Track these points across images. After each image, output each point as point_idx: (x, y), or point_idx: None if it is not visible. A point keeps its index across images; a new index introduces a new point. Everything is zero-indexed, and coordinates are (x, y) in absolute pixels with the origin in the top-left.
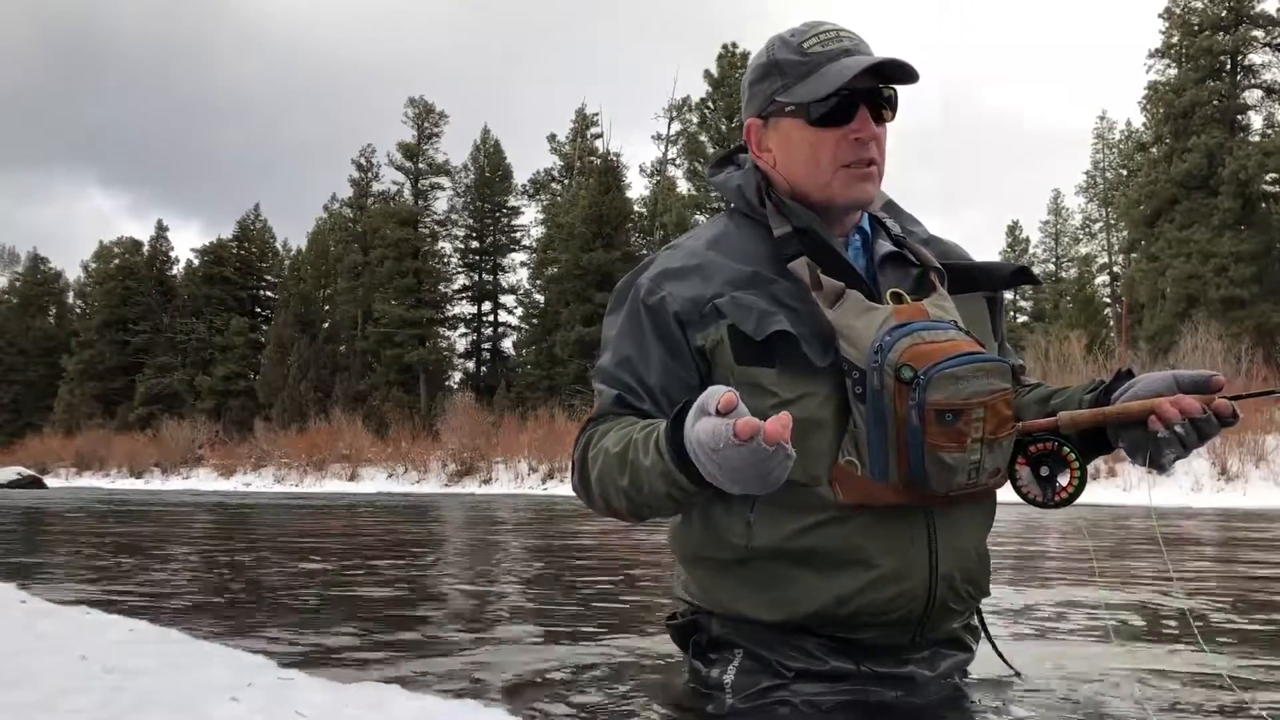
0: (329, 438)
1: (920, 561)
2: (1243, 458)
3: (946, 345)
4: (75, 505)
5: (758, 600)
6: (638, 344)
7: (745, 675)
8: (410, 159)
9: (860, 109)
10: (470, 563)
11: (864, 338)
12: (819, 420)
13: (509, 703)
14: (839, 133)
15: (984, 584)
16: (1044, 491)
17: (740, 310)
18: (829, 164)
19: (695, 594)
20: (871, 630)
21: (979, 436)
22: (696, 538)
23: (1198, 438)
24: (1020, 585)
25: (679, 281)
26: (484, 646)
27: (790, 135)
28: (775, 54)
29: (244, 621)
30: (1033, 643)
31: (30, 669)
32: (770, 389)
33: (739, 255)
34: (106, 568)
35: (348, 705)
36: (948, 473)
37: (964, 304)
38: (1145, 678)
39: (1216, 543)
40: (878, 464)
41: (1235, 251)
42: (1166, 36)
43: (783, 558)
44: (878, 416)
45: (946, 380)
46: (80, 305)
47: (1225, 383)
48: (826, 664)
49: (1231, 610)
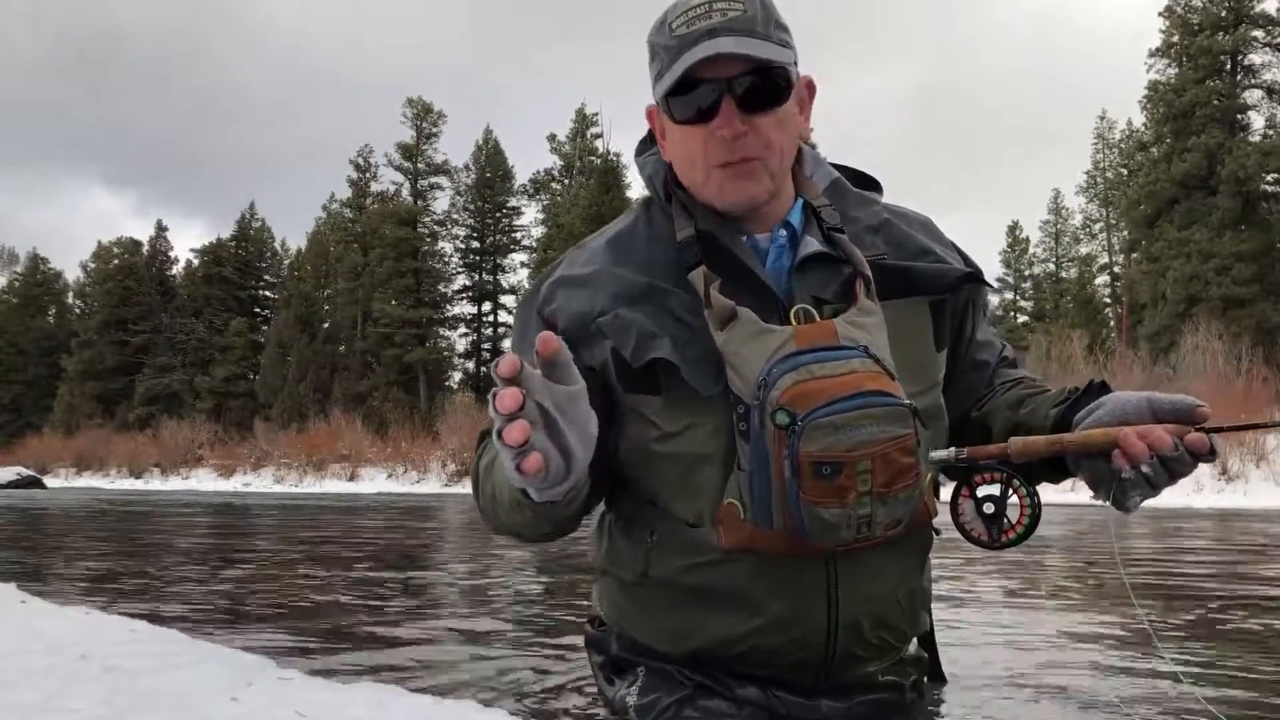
0: (329, 438)
1: (815, 609)
2: (1243, 458)
3: (838, 382)
4: (75, 505)
5: (650, 626)
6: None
7: (647, 694)
8: (409, 159)
9: (725, 102)
10: (470, 563)
11: (752, 367)
12: (705, 455)
13: (509, 703)
14: (704, 130)
15: (906, 628)
16: (989, 530)
17: (621, 332)
18: (701, 164)
19: (603, 608)
20: (767, 670)
21: (866, 490)
22: (604, 551)
23: (1168, 477)
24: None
25: (570, 293)
26: (484, 647)
27: (668, 129)
28: (652, 35)
29: (244, 621)
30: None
31: (30, 669)
32: (653, 419)
33: (638, 261)
34: (106, 568)
35: (348, 705)
36: (829, 530)
37: (898, 311)
38: (1084, 677)
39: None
40: (761, 510)
41: (1235, 251)
42: (1166, 36)
43: (674, 591)
44: (760, 459)
45: (824, 430)
46: (80, 305)
47: (1210, 415)
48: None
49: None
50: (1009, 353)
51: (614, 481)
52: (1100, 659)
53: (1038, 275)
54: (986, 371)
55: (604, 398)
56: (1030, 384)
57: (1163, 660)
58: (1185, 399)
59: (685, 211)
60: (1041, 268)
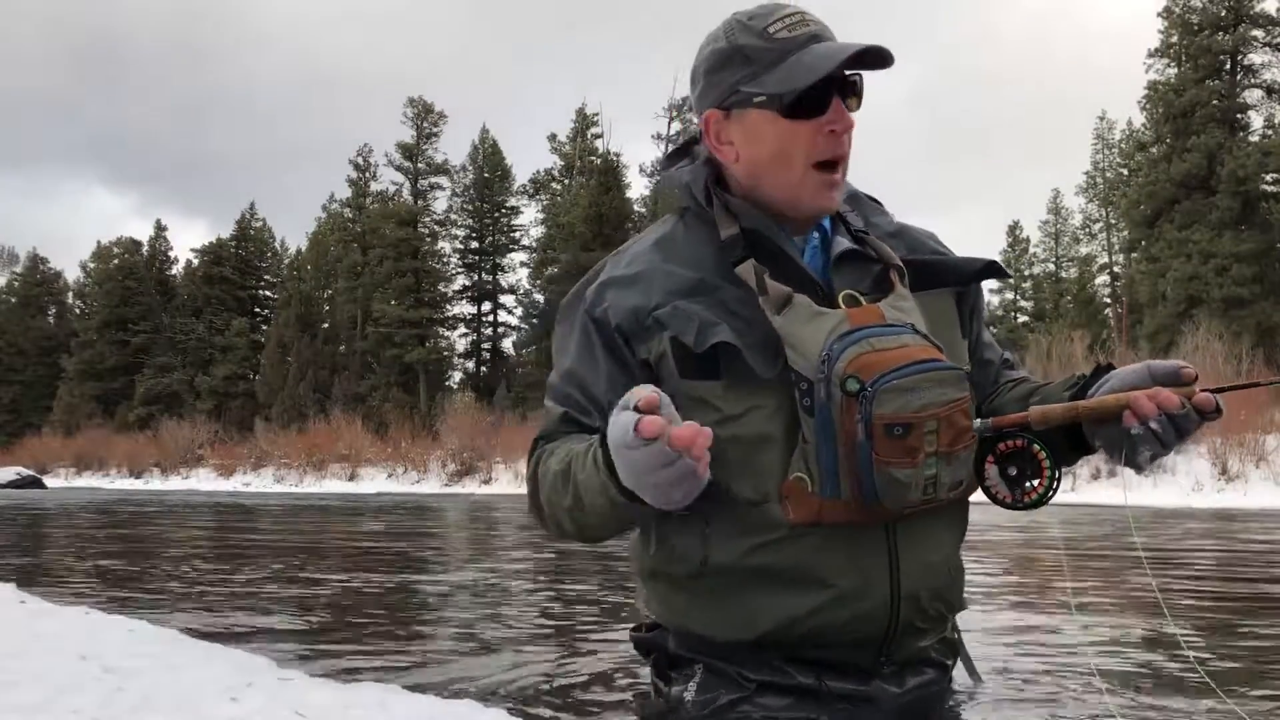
0: (329, 438)
1: (880, 581)
2: (1243, 458)
3: (898, 353)
4: (75, 505)
5: (712, 618)
6: (584, 357)
7: (706, 691)
8: (409, 159)
9: (834, 99)
10: (471, 563)
11: (812, 346)
12: (767, 435)
13: (509, 703)
14: (813, 125)
15: (955, 600)
16: (1012, 492)
17: (681, 321)
18: (801, 159)
19: (654, 610)
20: (830, 650)
21: (933, 450)
22: (652, 553)
23: (1176, 434)
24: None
25: (621, 291)
26: (485, 647)
27: (758, 128)
28: (737, 39)
29: (244, 621)
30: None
31: (30, 669)
32: (715, 404)
33: (685, 259)
34: (106, 568)
35: (348, 705)
36: (901, 490)
37: (928, 301)
38: (1114, 678)
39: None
40: (828, 480)
41: (1235, 251)
42: (1166, 36)
43: (736, 575)
44: (826, 431)
45: (895, 393)
46: (80, 305)
47: (1195, 373)
48: (791, 678)
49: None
50: (1009, 356)
51: None
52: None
53: (1038, 275)
54: (991, 370)
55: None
56: (1034, 381)
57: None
58: (1172, 362)
59: (727, 212)
60: (1041, 268)
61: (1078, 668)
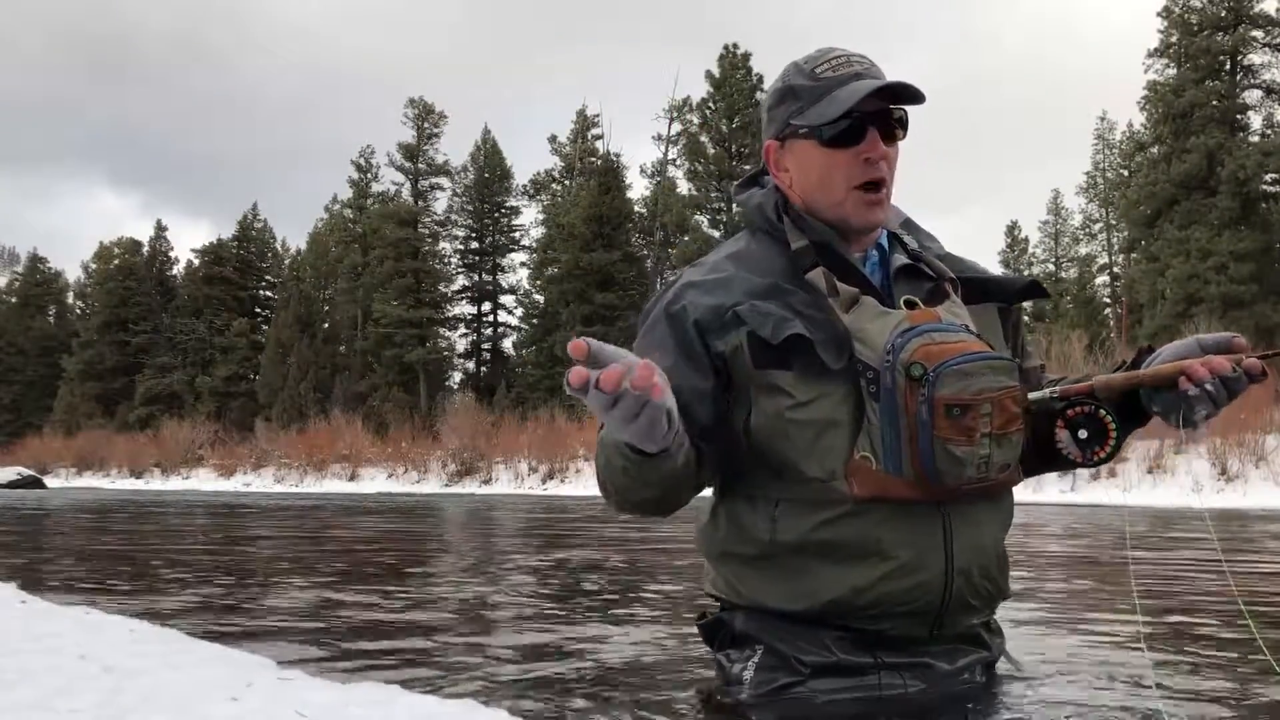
0: (329, 438)
1: (936, 555)
2: (1243, 458)
3: (956, 345)
4: (75, 505)
5: (779, 590)
6: (652, 345)
7: (764, 671)
8: (410, 159)
9: (870, 130)
10: (471, 563)
11: (878, 339)
12: (835, 419)
13: (510, 703)
14: (850, 153)
15: (1003, 584)
16: (1082, 451)
17: (758, 316)
18: (842, 183)
19: (721, 588)
20: (888, 621)
21: (987, 431)
22: (722, 535)
23: (1227, 395)
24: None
25: (701, 292)
26: (485, 647)
27: (805, 156)
28: (790, 80)
29: (244, 621)
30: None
31: (30, 669)
32: (788, 390)
33: (759, 269)
34: (106, 568)
35: (348, 705)
36: (957, 466)
37: (977, 313)
38: (1169, 678)
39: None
40: (891, 458)
41: (1235, 251)
42: (1165, 36)
43: (803, 551)
44: (891, 413)
45: (955, 376)
46: (80, 305)
47: (1246, 344)
48: (842, 658)
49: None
50: (1044, 362)
51: (729, 468)
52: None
53: (1038, 275)
54: (1036, 375)
55: (725, 384)
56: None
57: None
58: (1224, 334)
59: (797, 228)
60: (1041, 268)
61: (1130, 667)
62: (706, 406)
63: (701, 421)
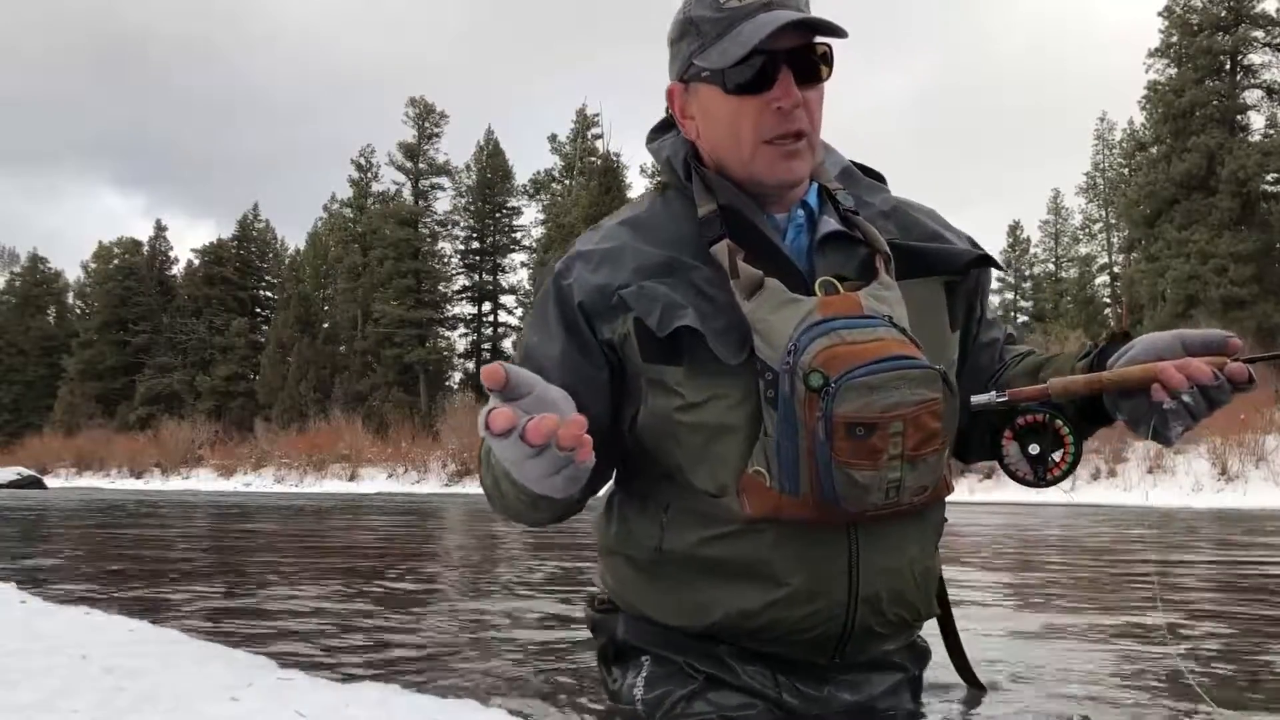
0: (329, 438)
1: (837, 582)
2: (1243, 458)
3: (869, 347)
4: (75, 505)
5: (664, 603)
6: (544, 332)
7: (653, 688)
8: (411, 159)
9: (783, 72)
10: (471, 563)
11: (780, 335)
12: (729, 425)
13: (509, 703)
14: (759, 101)
15: (922, 606)
16: (1034, 469)
17: (645, 302)
18: (750, 138)
19: (610, 586)
20: (782, 646)
21: (897, 453)
22: (613, 531)
23: (1207, 406)
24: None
25: (589, 267)
26: (486, 647)
27: (709, 103)
28: (691, 10)
29: (244, 621)
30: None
31: (30, 669)
32: (677, 389)
33: (659, 237)
34: (106, 568)
35: (348, 705)
36: (860, 492)
37: (914, 289)
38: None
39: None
40: (788, 476)
41: (1235, 251)
42: (1166, 36)
43: (691, 565)
44: (789, 425)
45: (858, 390)
46: (80, 305)
47: (1241, 345)
48: (739, 676)
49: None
50: (1013, 330)
51: (624, 461)
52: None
53: (1038, 275)
54: (996, 349)
55: (617, 374)
56: (1041, 353)
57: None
58: (1216, 332)
59: (706, 188)
60: (1041, 268)
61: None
62: (603, 401)
63: (600, 419)
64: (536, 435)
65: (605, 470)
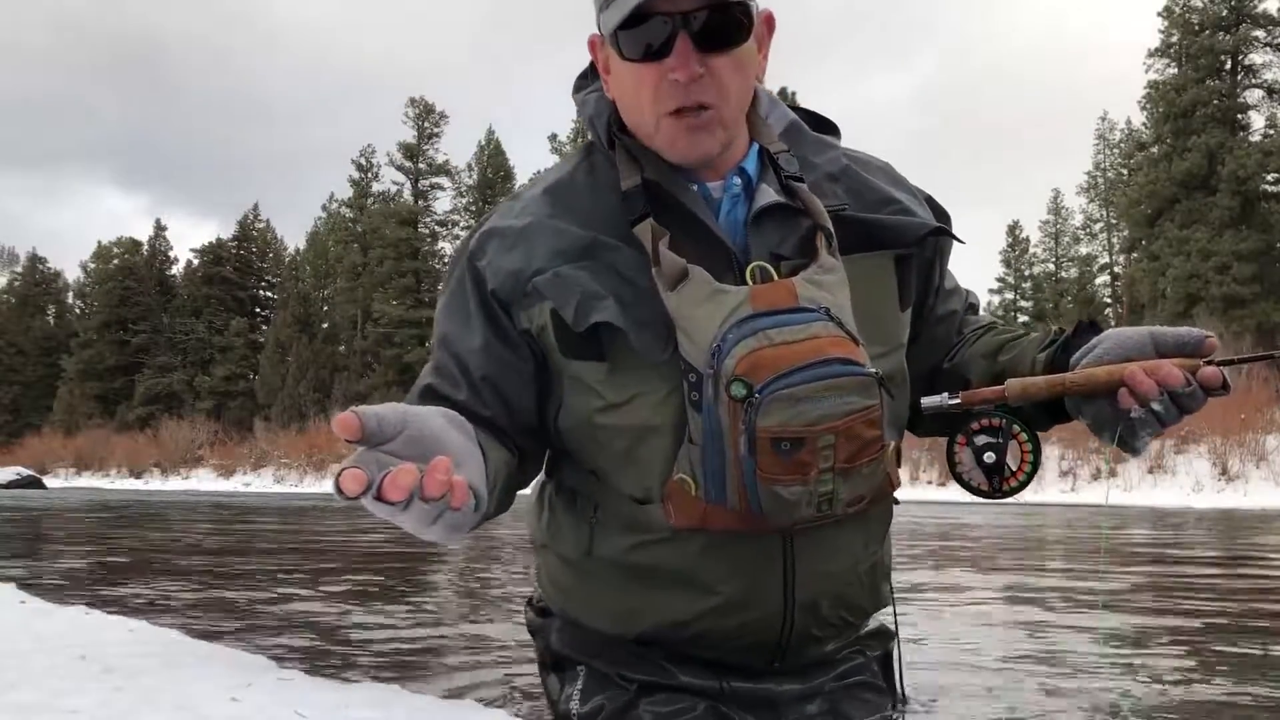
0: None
1: (771, 589)
2: (1243, 458)
3: (799, 349)
4: (75, 506)
5: (596, 607)
6: (462, 320)
7: (589, 698)
8: (411, 159)
9: (680, 39)
10: (471, 563)
11: (705, 332)
12: (653, 426)
13: (509, 703)
14: (656, 70)
15: (866, 604)
16: (990, 479)
17: (562, 292)
18: (650, 109)
19: (544, 587)
20: (718, 653)
21: (829, 466)
22: (545, 525)
23: (1178, 413)
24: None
25: (503, 247)
26: (484, 648)
27: (615, 68)
28: None
29: (244, 622)
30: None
31: (30, 669)
32: (596, 388)
33: (582, 212)
34: (106, 568)
35: (348, 705)
36: (787, 507)
37: (860, 266)
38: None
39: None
40: (714, 486)
41: (1235, 250)
42: (1166, 35)
43: (620, 571)
44: (713, 432)
45: (785, 403)
46: (80, 305)
47: (1218, 345)
48: (676, 679)
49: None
50: (974, 299)
51: (554, 450)
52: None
53: (1038, 275)
54: (954, 321)
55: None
56: (1003, 329)
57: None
58: (1192, 331)
59: (630, 158)
60: (1041, 268)
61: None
62: (529, 392)
63: (525, 412)
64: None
65: (535, 457)
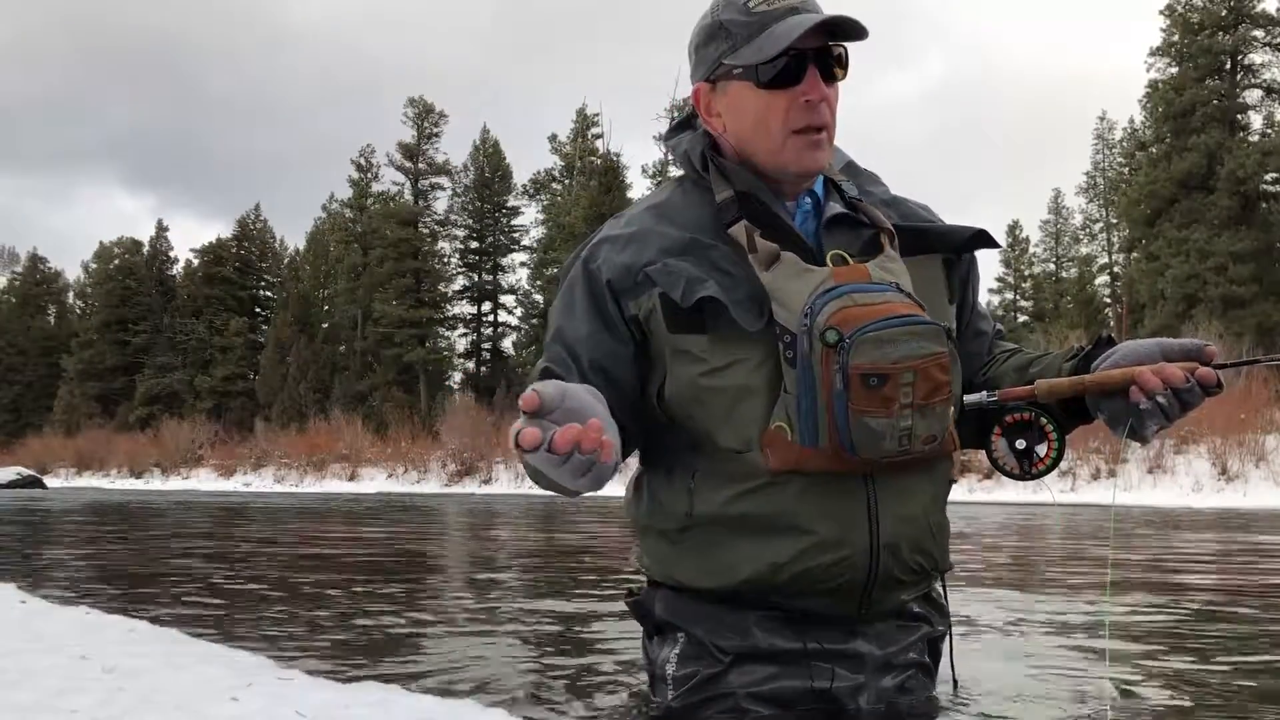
0: (329, 438)
1: (860, 529)
2: (1243, 458)
3: (879, 308)
4: (75, 506)
5: (696, 567)
6: (570, 313)
7: (685, 663)
8: (410, 159)
9: (810, 70)
10: (471, 563)
11: (797, 300)
12: (751, 386)
13: (509, 703)
14: (789, 94)
15: (938, 556)
16: (1020, 463)
17: (670, 277)
18: (779, 129)
19: (646, 564)
20: (812, 599)
21: (908, 402)
22: (644, 508)
23: (1180, 408)
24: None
25: (615, 249)
26: (486, 647)
27: (739, 99)
28: (720, 15)
29: (244, 621)
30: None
31: (30, 669)
32: (701, 356)
33: (680, 221)
34: (106, 568)
35: (348, 705)
36: (875, 439)
37: (916, 266)
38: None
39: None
40: (808, 429)
41: (1235, 251)
42: (1167, 35)
43: (720, 524)
44: (807, 381)
45: (871, 344)
46: (80, 305)
47: (1217, 353)
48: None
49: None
50: (1000, 328)
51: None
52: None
53: (1038, 275)
54: (986, 340)
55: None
56: (1030, 351)
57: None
58: (1194, 341)
59: (723, 176)
60: (1041, 268)
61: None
62: (631, 375)
63: (628, 393)
64: (564, 446)
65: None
